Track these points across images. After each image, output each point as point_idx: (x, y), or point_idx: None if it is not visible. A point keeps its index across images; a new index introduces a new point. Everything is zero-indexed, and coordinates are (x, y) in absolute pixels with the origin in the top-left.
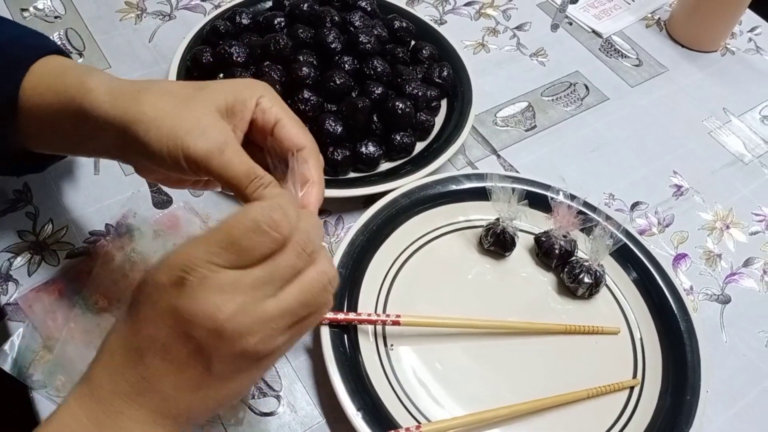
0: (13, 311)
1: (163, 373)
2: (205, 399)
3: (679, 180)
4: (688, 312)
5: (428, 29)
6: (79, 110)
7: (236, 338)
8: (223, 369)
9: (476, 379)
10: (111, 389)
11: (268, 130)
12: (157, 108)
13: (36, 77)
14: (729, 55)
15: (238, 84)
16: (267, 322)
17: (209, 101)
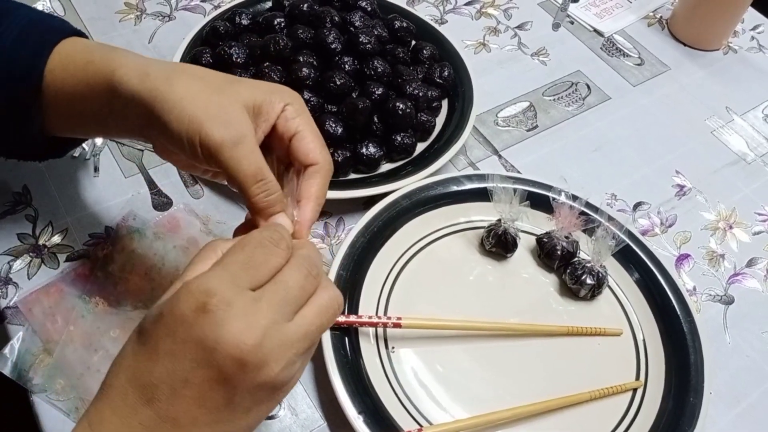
0: (13, 314)
1: (182, 409)
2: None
3: (682, 180)
4: (691, 313)
5: (429, 29)
6: (108, 87)
7: (261, 367)
8: (244, 401)
9: (478, 381)
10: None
11: (287, 139)
12: (186, 90)
13: (62, 57)
14: (731, 53)
15: (270, 86)
16: (288, 348)
17: (239, 95)
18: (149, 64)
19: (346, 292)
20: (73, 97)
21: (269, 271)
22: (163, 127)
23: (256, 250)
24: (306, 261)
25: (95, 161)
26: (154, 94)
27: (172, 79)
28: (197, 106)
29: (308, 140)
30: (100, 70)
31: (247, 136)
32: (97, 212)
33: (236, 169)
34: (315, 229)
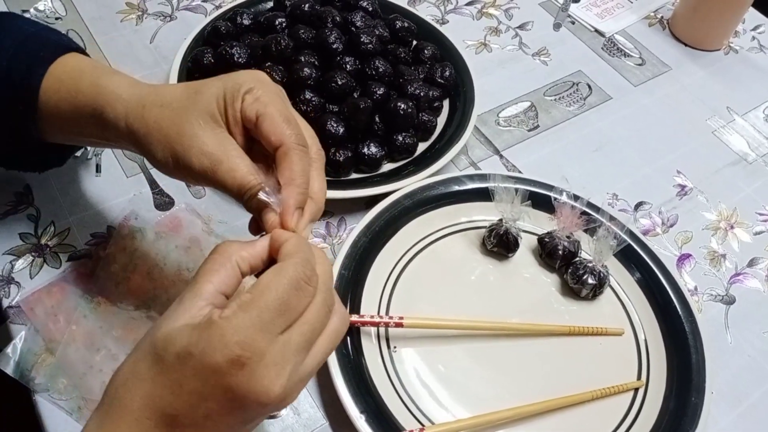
0: (15, 314)
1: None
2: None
3: (683, 179)
4: (692, 313)
5: (430, 29)
6: (96, 121)
7: (279, 402)
8: (255, 424)
9: (480, 381)
10: None
11: (257, 125)
12: (157, 124)
13: (55, 80)
14: (732, 53)
15: (229, 81)
16: (304, 381)
17: (202, 109)
18: (131, 98)
19: (348, 292)
20: (66, 119)
21: (300, 313)
22: (153, 161)
23: (291, 293)
24: (329, 294)
25: (97, 161)
26: (135, 133)
27: (144, 115)
28: (172, 140)
29: (268, 121)
30: (87, 104)
31: (222, 155)
32: (99, 212)
33: (223, 188)
34: (317, 229)
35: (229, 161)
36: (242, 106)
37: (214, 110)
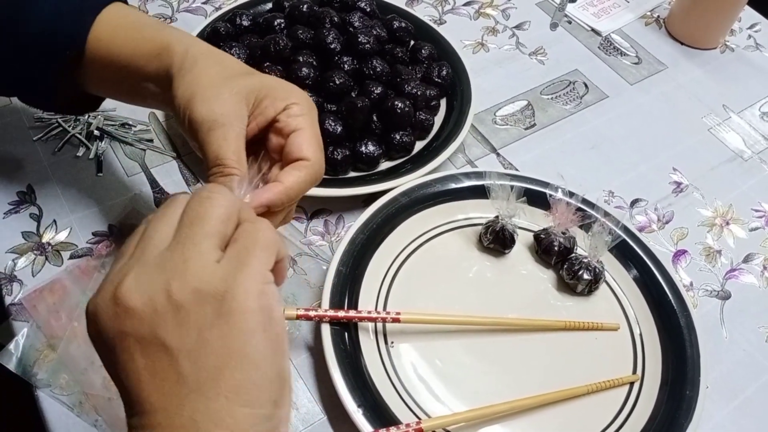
0: (18, 311)
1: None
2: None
3: (679, 177)
4: (687, 308)
5: (427, 29)
6: (157, 54)
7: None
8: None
9: (476, 375)
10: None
11: (286, 135)
12: (201, 71)
13: (109, 28)
14: (728, 52)
15: (280, 84)
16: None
17: (244, 85)
18: (192, 43)
19: (345, 288)
20: (117, 63)
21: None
22: (172, 99)
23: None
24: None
25: (98, 161)
26: (178, 71)
27: (198, 59)
28: (199, 86)
29: (306, 137)
30: (154, 37)
31: (228, 121)
32: (101, 211)
33: (204, 149)
34: (315, 227)
35: (229, 131)
36: (285, 112)
37: (251, 93)
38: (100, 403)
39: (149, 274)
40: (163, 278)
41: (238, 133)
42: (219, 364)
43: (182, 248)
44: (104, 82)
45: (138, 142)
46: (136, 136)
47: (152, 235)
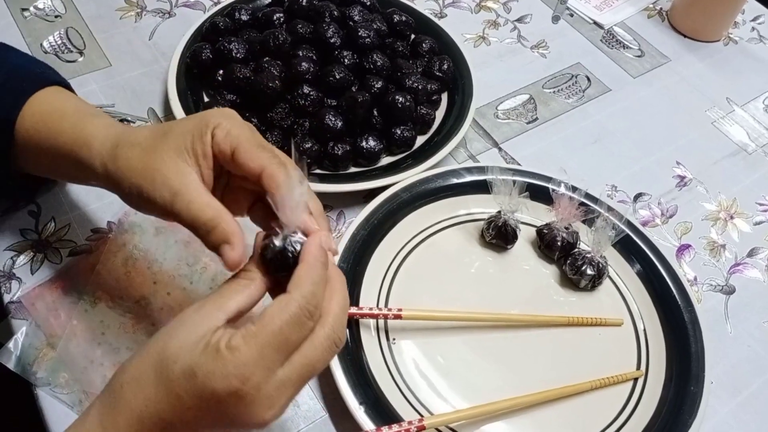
0: (17, 309)
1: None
2: None
3: (683, 170)
4: (691, 303)
5: (428, 23)
6: (75, 160)
7: (266, 425)
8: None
9: (479, 371)
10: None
11: (229, 160)
12: (127, 162)
13: (37, 119)
14: (732, 44)
15: (197, 118)
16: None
17: (169, 146)
18: (106, 140)
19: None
20: (45, 156)
21: (298, 345)
22: (121, 195)
23: (292, 329)
24: (336, 328)
25: None
26: (107, 174)
27: (118, 155)
28: (137, 174)
29: (243, 151)
30: (67, 145)
31: (182, 189)
32: (99, 208)
33: (182, 220)
34: None
35: (188, 193)
36: (213, 141)
37: (181, 147)
38: None
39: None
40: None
41: (196, 186)
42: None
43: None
44: (40, 166)
45: None
46: None
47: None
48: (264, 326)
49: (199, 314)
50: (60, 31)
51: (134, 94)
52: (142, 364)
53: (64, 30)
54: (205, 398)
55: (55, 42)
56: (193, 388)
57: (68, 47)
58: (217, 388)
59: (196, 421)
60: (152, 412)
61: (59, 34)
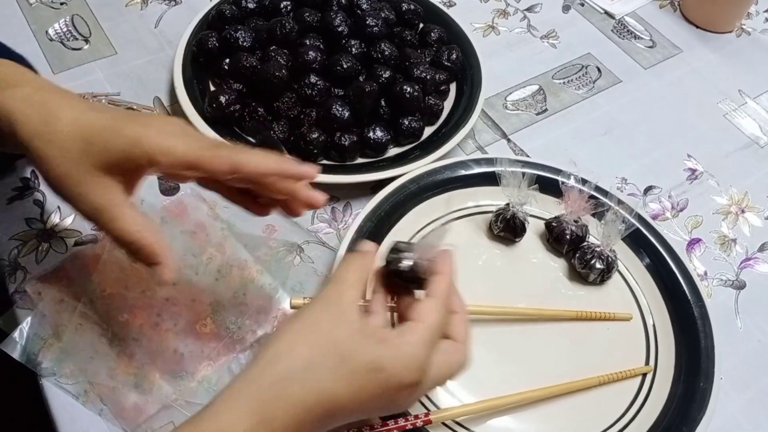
0: (22, 299)
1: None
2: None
3: (693, 163)
4: (701, 298)
5: (437, 12)
6: (8, 134)
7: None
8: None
9: (486, 365)
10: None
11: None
12: (47, 163)
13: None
14: (744, 35)
15: (128, 142)
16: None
17: (95, 162)
18: (39, 123)
19: None
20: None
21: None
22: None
23: (442, 328)
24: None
25: None
26: (34, 150)
27: (36, 148)
28: (56, 180)
29: (203, 163)
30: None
31: (104, 206)
32: None
33: (108, 235)
34: (322, 214)
35: (111, 211)
36: (160, 168)
37: (106, 163)
38: (105, 392)
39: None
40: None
41: (118, 203)
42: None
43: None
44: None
45: None
46: None
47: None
48: (430, 323)
49: (345, 300)
50: (65, 18)
51: (140, 82)
52: (310, 354)
53: (69, 17)
54: (389, 388)
55: (61, 30)
56: (378, 379)
57: (74, 35)
58: (405, 381)
59: (370, 406)
60: (327, 399)
61: (65, 21)
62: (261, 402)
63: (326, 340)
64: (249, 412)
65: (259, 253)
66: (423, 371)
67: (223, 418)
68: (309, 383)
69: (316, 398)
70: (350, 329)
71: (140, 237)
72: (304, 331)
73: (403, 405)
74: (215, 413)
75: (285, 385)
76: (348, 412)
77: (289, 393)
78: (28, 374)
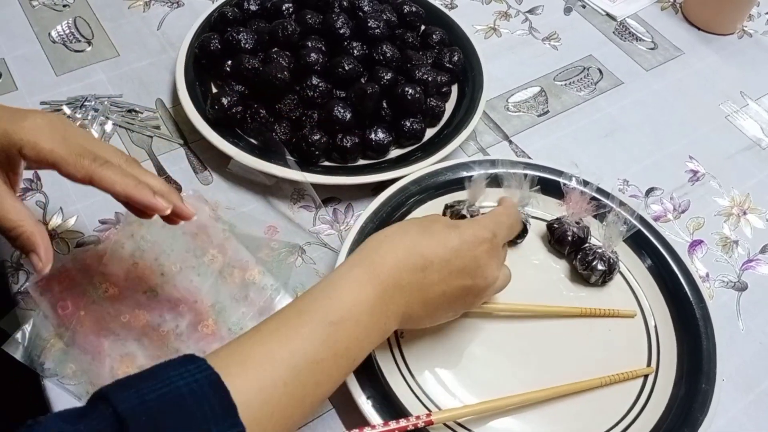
0: (24, 300)
1: (434, 287)
2: (433, 315)
3: (695, 165)
4: (703, 299)
5: (438, 13)
6: None
7: (490, 280)
8: (459, 300)
9: (487, 366)
10: (394, 281)
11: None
12: None
13: None
14: (746, 37)
15: (3, 131)
16: (495, 288)
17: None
18: None
19: None
20: None
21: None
22: None
23: (517, 222)
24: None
25: None
26: None
27: None
28: None
29: (63, 167)
30: None
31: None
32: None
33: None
34: (324, 215)
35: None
36: (26, 160)
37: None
38: None
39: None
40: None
41: (2, 194)
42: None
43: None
44: None
45: (145, 129)
46: (143, 123)
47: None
48: (501, 214)
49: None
50: (68, 20)
51: (142, 84)
52: (398, 227)
53: (72, 19)
54: (466, 241)
55: (63, 31)
56: (457, 233)
57: (76, 37)
58: (478, 235)
59: (455, 263)
60: (417, 251)
61: (67, 23)
62: (362, 256)
63: (409, 222)
64: (354, 263)
65: (260, 254)
66: (494, 233)
67: (336, 271)
68: (398, 241)
69: (406, 250)
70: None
71: (19, 225)
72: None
73: (483, 273)
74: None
75: (379, 244)
76: (437, 267)
77: (385, 248)
78: (30, 375)
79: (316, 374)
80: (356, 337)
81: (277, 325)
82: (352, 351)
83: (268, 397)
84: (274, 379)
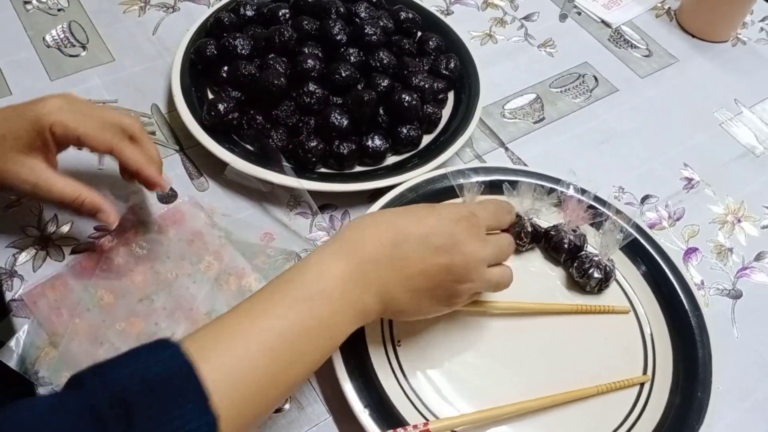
0: (18, 307)
1: (412, 265)
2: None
3: (690, 173)
4: (699, 307)
5: (435, 20)
6: None
7: (473, 263)
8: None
9: (484, 375)
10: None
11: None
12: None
13: None
14: (740, 45)
15: (30, 120)
16: (485, 282)
17: (14, 148)
18: None
19: None
20: None
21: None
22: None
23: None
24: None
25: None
26: None
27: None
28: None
29: (88, 141)
30: None
31: (38, 180)
32: None
33: (49, 202)
34: (320, 222)
35: (46, 182)
36: (54, 137)
37: (23, 146)
38: None
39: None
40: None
41: (47, 174)
42: None
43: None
44: None
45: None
46: None
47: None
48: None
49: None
50: (63, 25)
51: (137, 89)
52: (377, 213)
53: (66, 24)
54: (443, 217)
55: (58, 36)
56: (432, 210)
57: (71, 41)
58: (453, 210)
59: (426, 238)
60: (395, 228)
61: (62, 28)
62: (338, 236)
63: (388, 209)
64: (329, 242)
65: (257, 261)
66: (472, 212)
67: (311, 252)
68: (375, 219)
69: (382, 225)
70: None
71: (78, 195)
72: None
73: (464, 249)
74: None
75: (355, 225)
76: (413, 243)
77: (361, 227)
78: (24, 383)
79: (289, 352)
80: (330, 313)
81: (251, 305)
82: (327, 328)
83: (241, 376)
84: (247, 358)
